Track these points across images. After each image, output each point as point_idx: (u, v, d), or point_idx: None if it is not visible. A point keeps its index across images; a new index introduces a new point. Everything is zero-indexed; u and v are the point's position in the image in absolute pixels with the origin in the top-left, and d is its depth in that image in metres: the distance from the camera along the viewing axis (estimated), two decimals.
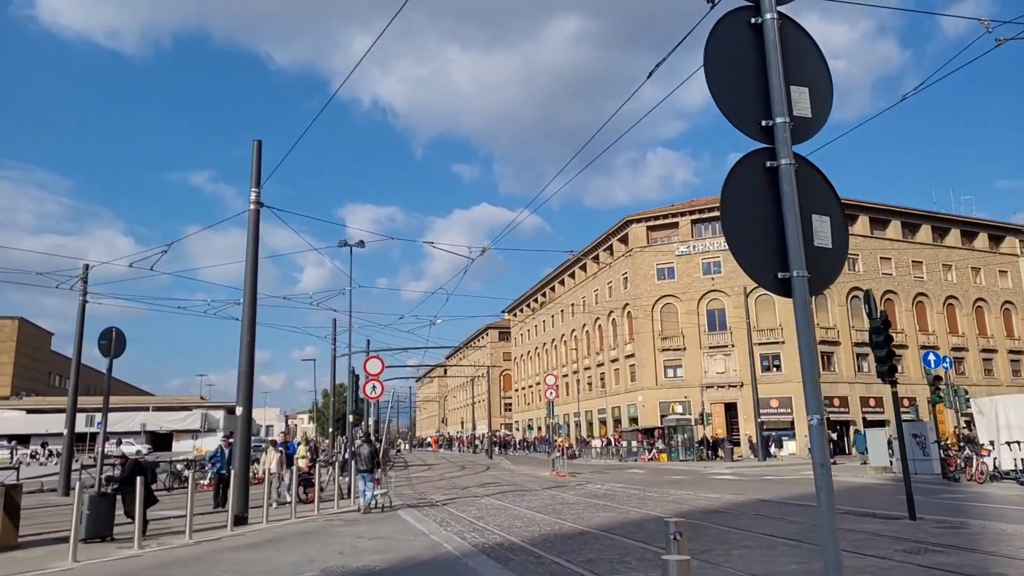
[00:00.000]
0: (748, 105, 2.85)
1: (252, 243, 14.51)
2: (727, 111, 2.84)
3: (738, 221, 2.83)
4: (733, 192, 2.82)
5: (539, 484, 23.95)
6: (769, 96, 2.80)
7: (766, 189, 2.82)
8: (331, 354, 36.67)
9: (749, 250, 2.83)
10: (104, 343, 12.96)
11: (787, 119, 2.78)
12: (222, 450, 17.81)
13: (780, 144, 2.77)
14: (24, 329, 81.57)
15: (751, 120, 2.84)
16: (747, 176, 2.83)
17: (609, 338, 61.22)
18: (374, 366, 19.55)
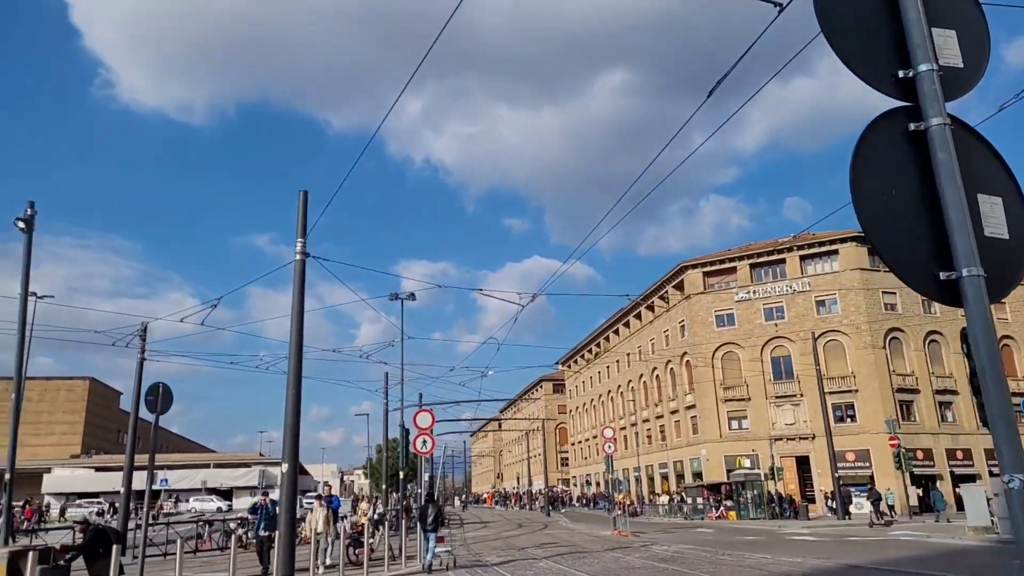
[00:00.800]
0: (878, 52, 2.15)
1: (298, 294, 14.20)
2: (850, 60, 2.14)
3: (876, 205, 2.06)
4: (866, 166, 2.07)
5: (600, 545, 22.65)
6: (907, 39, 2.11)
7: (910, 160, 2.09)
8: (383, 408, 36.26)
9: (895, 243, 2.05)
10: (151, 399, 12.71)
11: (933, 66, 2.07)
12: (262, 507, 16.53)
13: (927, 100, 2.05)
14: (95, 389, 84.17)
15: (883, 71, 2.13)
16: (883, 144, 2.10)
17: (668, 388, 59.32)
18: (424, 419, 18.92)
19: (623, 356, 68.91)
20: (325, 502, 16.89)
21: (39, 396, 77.91)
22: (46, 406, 78.25)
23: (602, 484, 75.72)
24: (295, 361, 13.84)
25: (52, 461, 72.69)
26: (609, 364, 73.02)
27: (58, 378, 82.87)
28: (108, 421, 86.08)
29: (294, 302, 14.18)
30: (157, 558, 20.59)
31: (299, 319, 14.07)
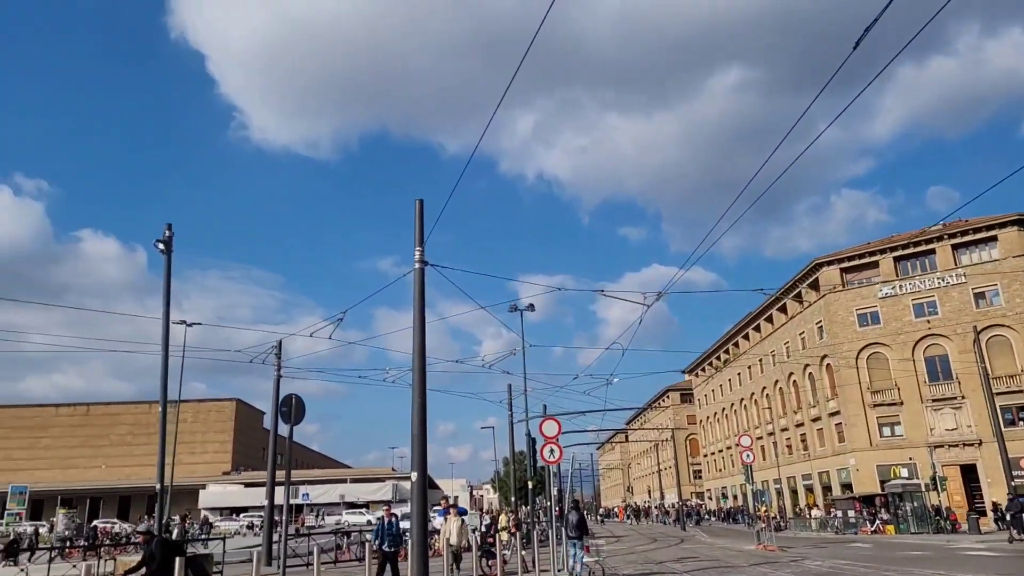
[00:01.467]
0: None
1: (418, 302, 14.11)
2: None
3: None
4: None
5: (744, 559, 21.18)
6: None
7: None
8: (508, 420, 36.05)
9: None
10: (284, 410, 12.96)
11: None
12: (383, 522, 15.43)
13: None
14: (240, 409, 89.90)
15: None
16: None
17: (807, 394, 55.74)
18: (550, 428, 18.35)
19: (755, 362, 65.59)
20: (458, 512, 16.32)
21: (193, 417, 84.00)
22: (199, 426, 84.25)
23: (739, 497, 72.21)
24: (419, 368, 13.71)
25: (207, 478, 78.06)
26: (740, 371, 69.77)
27: (208, 400, 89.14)
28: (253, 439, 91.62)
29: (415, 310, 14.09)
30: (300, 568, 21.17)
31: (420, 326, 13.95)
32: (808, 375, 55.42)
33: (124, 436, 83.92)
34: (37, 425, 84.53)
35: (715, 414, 79.68)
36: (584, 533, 15.57)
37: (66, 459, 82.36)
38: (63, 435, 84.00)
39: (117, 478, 78.98)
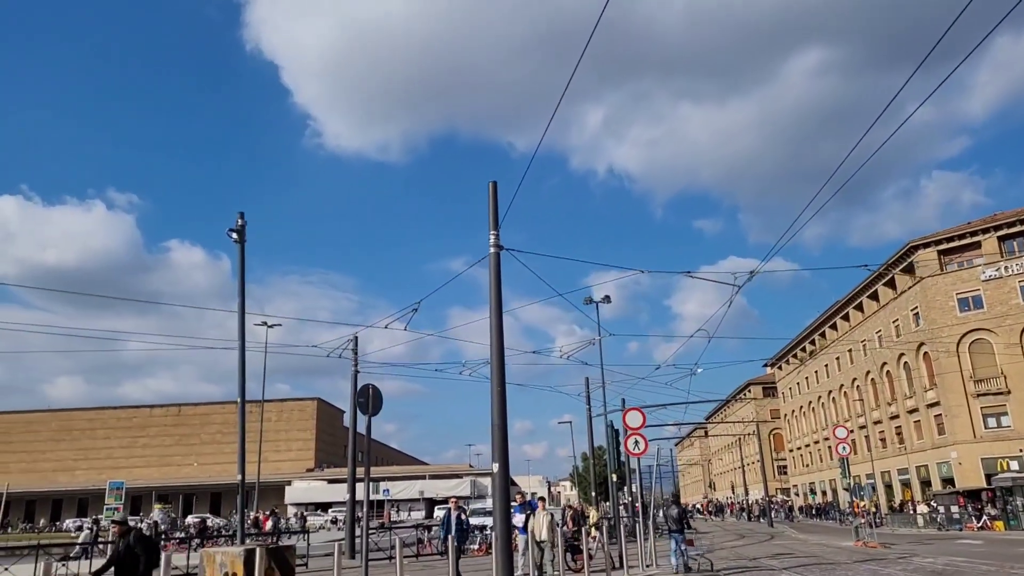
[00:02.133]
0: None
1: (495, 288, 13.65)
2: None
3: None
4: None
5: (846, 556, 19.87)
6: None
7: None
8: (586, 414, 35.31)
9: None
10: (362, 400, 12.72)
11: None
12: (449, 515, 14.56)
13: None
14: (322, 408, 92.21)
15: None
16: None
17: (902, 385, 52.76)
18: (634, 419, 17.63)
19: (844, 352, 62.63)
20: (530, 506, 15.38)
21: (277, 416, 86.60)
22: (283, 425, 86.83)
23: (828, 492, 69.17)
24: (497, 354, 13.25)
25: (292, 475, 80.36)
26: (827, 362, 66.81)
27: (291, 399, 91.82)
28: (335, 437, 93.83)
29: (491, 296, 13.65)
30: (382, 561, 21.14)
31: (497, 311, 13.49)
32: (903, 365, 52.47)
33: (214, 435, 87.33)
34: (135, 425, 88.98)
35: (800, 407, 76.66)
36: (686, 527, 15.65)
37: (162, 457, 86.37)
38: (159, 434, 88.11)
39: (208, 475, 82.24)
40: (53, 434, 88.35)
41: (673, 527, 15.38)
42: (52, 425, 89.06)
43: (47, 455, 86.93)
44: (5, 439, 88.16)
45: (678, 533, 15.28)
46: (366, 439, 13.08)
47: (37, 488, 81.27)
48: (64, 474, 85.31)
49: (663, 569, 16.56)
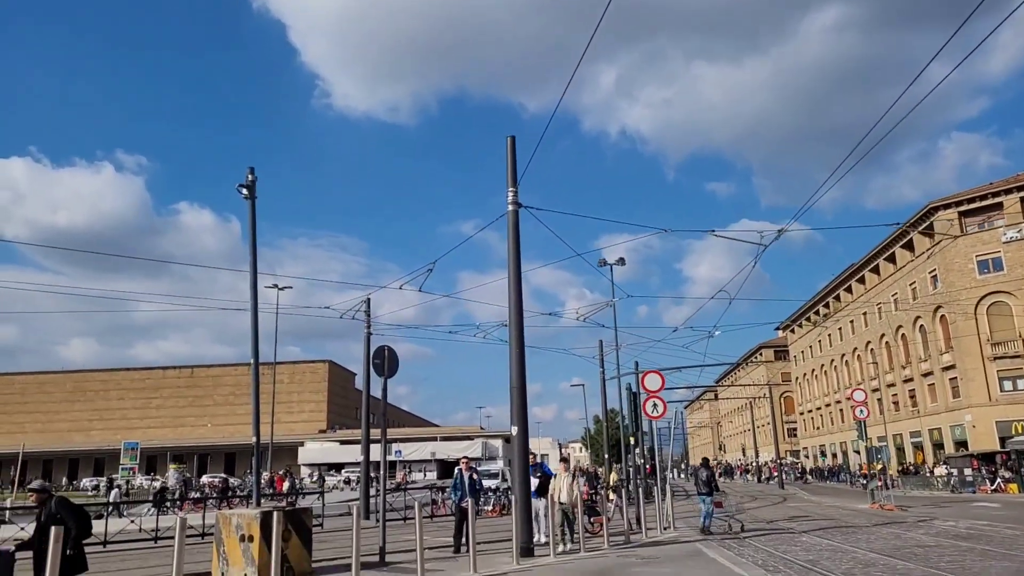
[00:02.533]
0: None
1: (513, 246, 13.25)
2: None
3: None
4: None
5: (863, 519, 19.69)
6: None
7: None
8: (600, 377, 35.12)
9: None
10: (377, 362, 12.39)
11: None
12: (461, 476, 13.52)
13: None
14: (333, 370, 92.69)
15: None
16: None
17: (917, 348, 52.28)
18: (653, 382, 17.33)
19: (858, 316, 62.04)
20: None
21: (289, 378, 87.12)
22: (295, 387, 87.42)
23: (838, 455, 69.28)
24: (515, 314, 12.90)
25: (304, 436, 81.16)
26: (841, 326, 66.28)
27: (303, 362, 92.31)
28: (346, 399, 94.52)
29: (509, 255, 13.26)
30: (397, 521, 21.14)
31: (516, 270, 13.12)
32: (919, 328, 51.94)
33: (227, 396, 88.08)
34: (148, 386, 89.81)
35: (812, 371, 76.43)
36: (714, 489, 16.04)
37: (175, 418, 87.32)
38: (172, 396, 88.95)
39: (222, 436, 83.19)
40: (67, 395, 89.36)
41: (702, 490, 15.69)
42: (66, 386, 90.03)
43: (62, 415, 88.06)
44: (20, 400, 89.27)
45: (707, 495, 15.63)
46: (382, 401, 12.81)
47: (54, 448, 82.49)
48: (80, 434, 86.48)
49: (681, 531, 16.40)
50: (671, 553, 12.14)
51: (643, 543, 13.84)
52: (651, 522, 16.30)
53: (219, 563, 10.24)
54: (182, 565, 7.05)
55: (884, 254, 56.68)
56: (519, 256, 13.21)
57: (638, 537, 14.74)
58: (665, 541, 14.14)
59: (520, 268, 13.15)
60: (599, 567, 10.68)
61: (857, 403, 26.31)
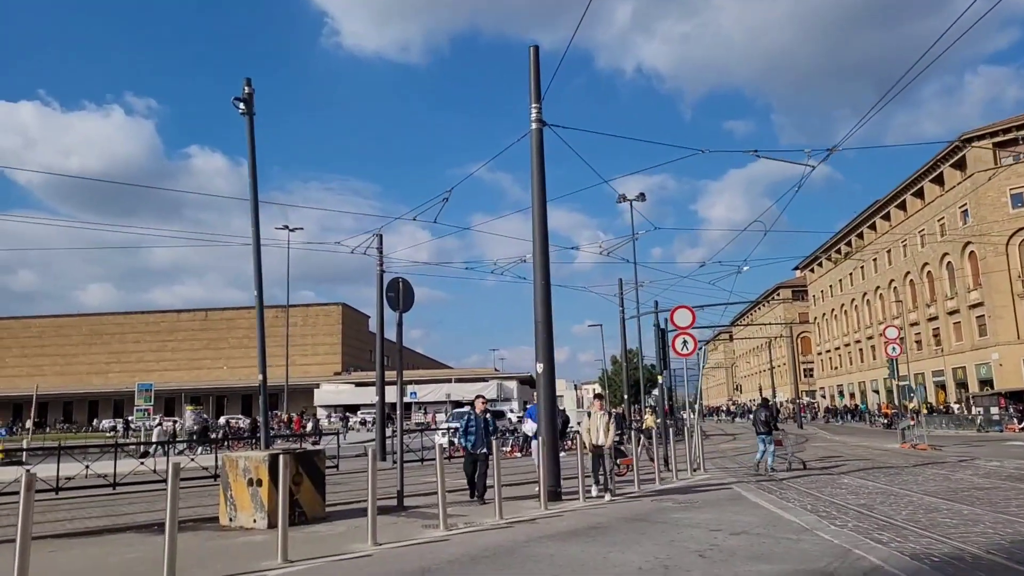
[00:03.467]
0: None
1: (537, 168, 12.11)
2: None
3: None
4: None
5: (899, 459, 18.92)
6: None
7: None
8: (619, 317, 34.19)
9: None
10: (391, 295, 11.45)
11: None
12: (475, 418, 11.44)
13: None
14: (347, 313, 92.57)
15: None
16: None
17: (943, 285, 50.97)
18: (683, 317, 16.36)
19: (882, 253, 60.54)
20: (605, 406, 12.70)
21: (303, 321, 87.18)
22: (309, 329, 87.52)
23: (856, 394, 68.78)
24: (540, 243, 11.86)
25: (319, 378, 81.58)
26: (864, 263, 64.82)
27: (316, 305, 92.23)
28: (360, 342, 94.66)
29: (533, 177, 12.13)
30: (414, 463, 20.65)
31: (540, 193, 12.02)
32: (946, 265, 50.54)
33: (241, 339, 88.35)
34: (163, 329, 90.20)
35: (832, 310, 75.35)
36: (773, 429, 16.08)
37: (191, 360, 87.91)
38: (187, 339, 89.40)
39: (238, 378, 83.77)
40: (84, 338, 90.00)
41: (761, 429, 15.78)
42: (83, 329, 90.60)
43: (80, 358, 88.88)
44: (38, 343, 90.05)
45: (766, 435, 15.70)
46: (397, 336, 11.93)
47: (73, 390, 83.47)
48: (98, 376, 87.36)
49: (712, 473, 15.69)
50: (709, 497, 11.35)
51: (675, 487, 13.09)
52: (680, 464, 15.61)
53: (227, 508, 9.54)
54: (176, 512, 6.27)
55: (912, 189, 54.85)
56: (543, 179, 12.09)
57: (668, 479, 14.01)
58: (698, 484, 13.39)
59: (545, 192, 12.04)
60: (634, 512, 9.90)
61: (889, 340, 25.34)
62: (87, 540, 8.83)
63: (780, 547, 7.11)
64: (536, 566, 6.50)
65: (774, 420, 16.72)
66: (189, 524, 9.75)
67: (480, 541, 7.85)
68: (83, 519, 11.27)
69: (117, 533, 9.38)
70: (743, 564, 6.36)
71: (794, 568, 6.15)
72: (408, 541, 7.94)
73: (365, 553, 7.35)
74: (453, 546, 7.61)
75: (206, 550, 7.91)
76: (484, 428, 11.38)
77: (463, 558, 6.94)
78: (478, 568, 6.49)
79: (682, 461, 15.81)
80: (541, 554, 7.03)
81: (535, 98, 12.40)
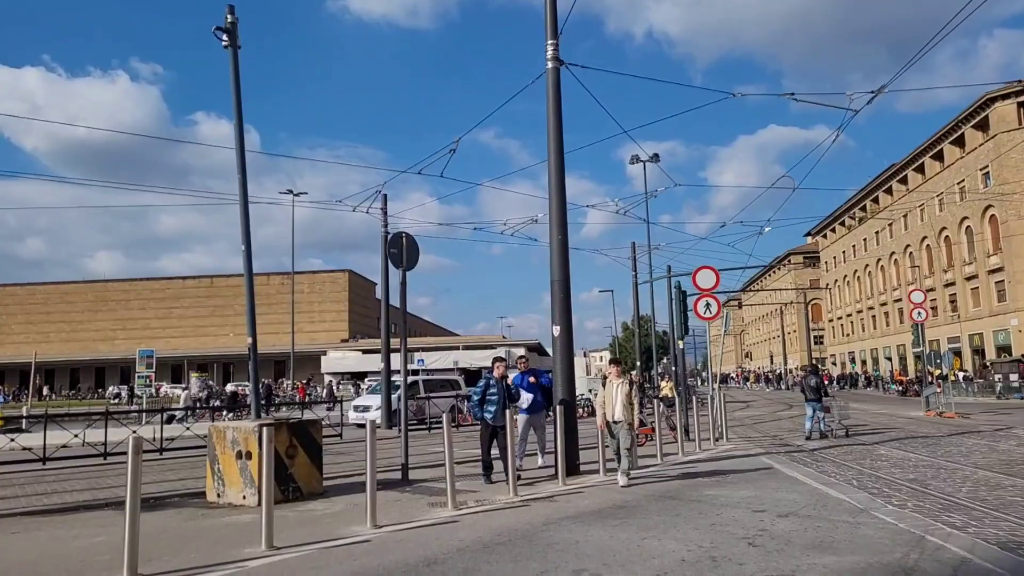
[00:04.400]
0: None
1: (553, 108, 10.99)
2: None
3: None
4: None
5: (930, 428, 18.01)
6: None
7: None
8: (632, 281, 33.19)
9: None
10: (394, 251, 10.45)
11: None
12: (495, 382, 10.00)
13: None
14: (353, 280, 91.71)
15: None
16: None
17: (962, 250, 49.64)
18: (707, 278, 15.31)
19: (898, 218, 59.05)
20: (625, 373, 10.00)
21: (309, 288, 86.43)
22: (316, 296, 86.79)
23: (868, 362, 67.84)
24: (556, 193, 10.80)
25: (326, 345, 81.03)
26: (878, 228, 63.35)
27: (322, 271, 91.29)
28: (367, 309, 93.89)
29: (549, 120, 11.02)
30: (421, 430, 19.92)
31: (557, 139, 10.92)
32: (964, 229, 49.13)
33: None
34: (169, 296, 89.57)
35: (844, 276, 74.03)
36: (824, 395, 16.15)
37: (197, 328, 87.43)
38: (193, 305, 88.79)
39: (244, 345, 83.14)
40: (90, 305, 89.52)
41: (811, 395, 15.74)
42: (88, 296, 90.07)
43: (85, 325, 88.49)
44: (43, 309, 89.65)
45: (816, 401, 15.68)
46: (401, 297, 10.97)
47: (79, 357, 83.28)
48: (104, 343, 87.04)
49: (735, 444, 14.81)
50: (740, 470, 10.42)
51: (700, 457, 12.20)
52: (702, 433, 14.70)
53: (214, 483, 8.69)
54: (137, 494, 5.38)
55: (931, 151, 53.20)
56: (560, 122, 10.98)
57: (691, 451, 13.12)
58: (724, 455, 12.49)
59: (562, 137, 10.94)
60: (663, 489, 9.00)
61: (915, 304, 24.23)
62: (58, 519, 7.99)
63: (839, 533, 6.18)
64: (560, 556, 5.58)
65: (824, 386, 16.71)
66: (174, 500, 8.92)
67: (493, 523, 6.95)
68: (64, 492, 10.45)
69: (94, 510, 8.55)
70: (803, 555, 5.43)
71: (867, 561, 5.22)
72: (411, 523, 7.05)
73: (363, 538, 6.46)
74: (462, 529, 6.72)
75: (185, 531, 7.05)
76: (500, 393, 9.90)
77: (474, 545, 6.04)
78: (492, 558, 5.59)
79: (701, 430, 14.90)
80: (564, 540, 6.12)
81: (551, 34, 11.25)
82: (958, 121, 48.31)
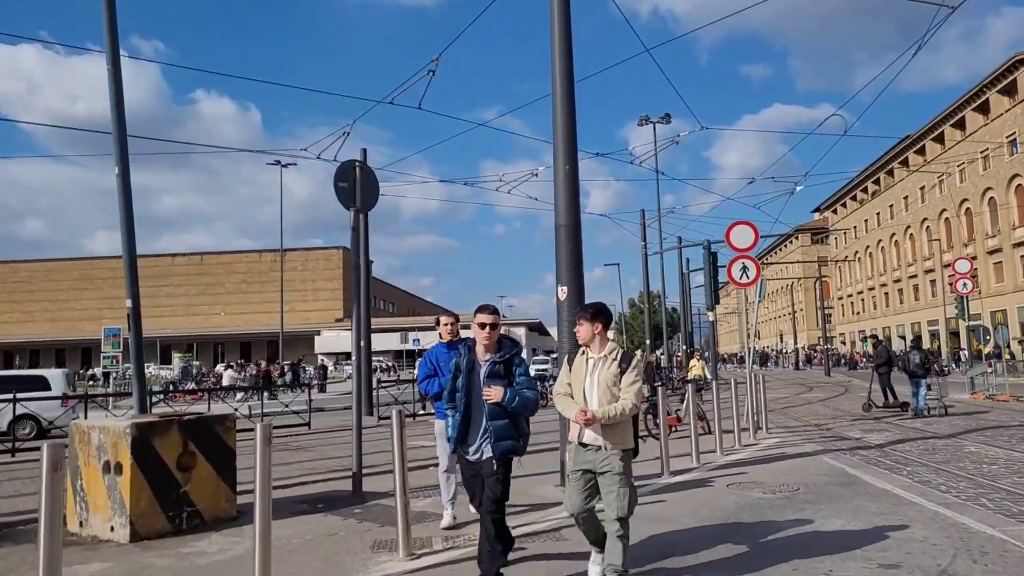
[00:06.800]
0: None
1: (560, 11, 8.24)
2: None
3: None
4: None
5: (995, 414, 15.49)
6: None
7: None
8: (641, 253, 30.53)
9: None
10: (343, 185, 7.84)
11: None
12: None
13: None
14: (348, 257, 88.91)
15: None
16: None
17: (984, 223, 47.00)
18: (743, 236, 12.61)
19: (914, 191, 56.31)
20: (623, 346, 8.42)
21: (302, 265, 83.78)
22: (309, 274, 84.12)
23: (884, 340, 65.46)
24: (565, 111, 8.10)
25: (321, 324, 78.55)
26: (892, 203, 60.61)
27: (316, 248, 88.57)
28: None
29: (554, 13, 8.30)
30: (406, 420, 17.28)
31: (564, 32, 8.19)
32: (988, 201, 46.44)
33: (239, 284, 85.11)
34: (157, 274, 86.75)
35: (855, 253, 71.39)
36: (928, 372, 15.78)
37: (187, 307, 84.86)
38: (182, 284, 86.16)
39: (236, 324, 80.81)
40: (75, 283, 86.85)
41: (918, 371, 15.37)
42: (73, 274, 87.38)
43: (71, 304, 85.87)
44: (27, 288, 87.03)
45: (922, 377, 15.36)
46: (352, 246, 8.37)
47: (65, 336, 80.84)
48: (91, 323, 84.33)
49: (780, 436, 12.27)
50: (809, 482, 7.76)
51: (744, 458, 9.63)
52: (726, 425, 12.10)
53: (76, 506, 6.11)
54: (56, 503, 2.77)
55: (951, 120, 50.37)
56: (568, 18, 8.25)
57: (730, 448, 10.51)
58: (773, 454, 9.92)
59: (570, 35, 8.21)
60: (715, 513, 6.40)
61: (960, 274, 21.71)
62: None
63: None
64: None
65: (930, 363, 16.38)
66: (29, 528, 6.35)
67: None
68: None
69: None
70: None
71: None
72: None
73: None
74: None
75: None
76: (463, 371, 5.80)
77: None
78: None
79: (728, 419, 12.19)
80: None
81: None
82: (983, 86, 45.45)
